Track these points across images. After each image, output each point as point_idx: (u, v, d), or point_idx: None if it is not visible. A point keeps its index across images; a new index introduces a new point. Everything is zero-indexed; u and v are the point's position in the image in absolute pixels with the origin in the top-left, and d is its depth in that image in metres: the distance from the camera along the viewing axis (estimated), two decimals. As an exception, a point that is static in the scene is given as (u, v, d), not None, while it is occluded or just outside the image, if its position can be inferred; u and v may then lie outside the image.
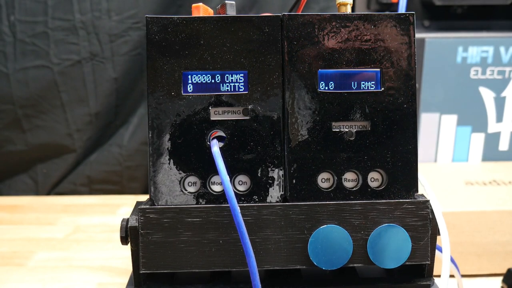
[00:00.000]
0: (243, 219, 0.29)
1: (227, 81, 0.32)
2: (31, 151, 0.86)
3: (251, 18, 0.32)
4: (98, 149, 0.88)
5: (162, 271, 0.31)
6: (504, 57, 0.69)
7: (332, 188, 0.32)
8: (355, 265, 0.31)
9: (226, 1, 0.33)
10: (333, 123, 0.32)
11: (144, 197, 0.35)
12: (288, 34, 0.32)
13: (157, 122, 0.32)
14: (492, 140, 0.72)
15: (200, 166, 0.32)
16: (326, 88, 0.32)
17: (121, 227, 0.31)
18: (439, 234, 0.32)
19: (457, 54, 0.68)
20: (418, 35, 0.67)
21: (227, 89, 0.32)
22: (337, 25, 0.32)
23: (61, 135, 0.86)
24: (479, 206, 0.55)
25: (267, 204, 0.31)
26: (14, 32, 0.81)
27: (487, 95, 0.70)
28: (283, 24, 0.32)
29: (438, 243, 0.32)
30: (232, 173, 0.32)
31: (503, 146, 0.72)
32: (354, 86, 0.32)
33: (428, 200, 0.32)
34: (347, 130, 0.32)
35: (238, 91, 0.32)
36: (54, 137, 0.86)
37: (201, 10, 0.33)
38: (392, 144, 0.32)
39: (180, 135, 0.32)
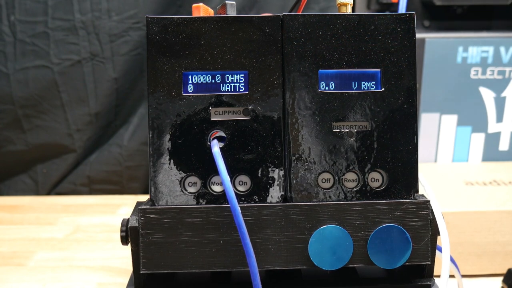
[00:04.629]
0: (244, 219, 0.29)
1: (227, 81, 0.32)
2: (31, 151, 0.86)
3: (252, 18, 0.32)
4: (98, 149, 0.88)
5: (162, 271, 0.31)
6: (504, 57, 0.69)
7: (333, 188, 0.32)
8: (355, 265, 0.31)
9: (227, 1, 0.33)
10: (334, 123, 0.32)
11: (144, 197, 0.35)
12: (288, 34, 0.32)
13: (158, 122, 0.32)
14: (492, 140, 0.72)
15: (200, 166, 0.32)
16: (327, 88, 0.32)
17: (121, 227, 0.31)
18: (439, 234, 0.32)
19: (457, 54, 0.68)
20: (418, 35, 0.67)
21: (228, 89, 0.32)
22: (337, 25, 0.32)
23: (61, 135, 0.86)
24: (479, 206, 0.55)
25: (268, 204, 0.31)
26: (14, 32, 0.81)
27: (487, 95, 0.70)
28: (284, 24, 0.32)
29: (438, 243, 0.32)
30: (233, 173, 0.32)
31: (503, 146, 0.72)
32: (355, 86, 0.32)
33: (429, 201, 0.32)
34: (347, 130, 0.32)
35: (239, 91, 0.32)
36: (54, 137, 0.86)
37: (202, 10, 0.33)
38: (393, 144, 0.32)
39: (181, 135, 0.32)
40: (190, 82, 0.32)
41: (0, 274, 0.58)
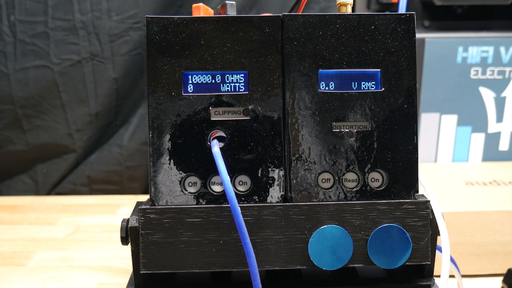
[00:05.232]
0: (244, 219, 0.29)
1: (227, 81, 0.32)
2: (31, 151, 0.86)
3: (252, 18, 0.32)
4: (98, 149, 0.88)
5: (162, 271, 0.31)
6: (504, 57, 0.69)
7: (333, 188, 0.32)
8: (355, 265, 0.31)
9: (227, 1, 0.33)
10: (334, 123, 0.32)
11: (144, 197, 0.35)
12: (288, 34, 0.32)
13: (158, 122, 0.32)
14: (492, 140, 0.72)
15: (200, 166, 0.32)
16: (327, 88, 0.32)
17: (121, 227, 0.31)
18: (439, 234, 0.32)
19: (457, 54, 0.68)
20: (418, 35, 0.67)
21: (228, 89, 0.32)
22: (337, 25, 0.32)
23: (61, 135, 0.86)
24: (479, 206, 0.55)
25: (268, 204, 0.31)
26: (14, 32, 0.81)
27: (487, 95, 0.70)
28: (284, 24, 0.32)
29: (438, 243, 0.32)
30: (233, 173, 0.32)
31: (503, 146, 0.72)
32: (355, 86, 0.32)
33: (429, 201, 0.32)
34: (347, 130, 0.32)
35: (239, 91, 0.32)
36: (54, 137, 0.86)
37: (202, 10, 0.33)
38: (393, 144, 0.32)
39: (181, 135, 0.32)
40: (190, 82, 0.32)
41: (0, 274, 0.58)
